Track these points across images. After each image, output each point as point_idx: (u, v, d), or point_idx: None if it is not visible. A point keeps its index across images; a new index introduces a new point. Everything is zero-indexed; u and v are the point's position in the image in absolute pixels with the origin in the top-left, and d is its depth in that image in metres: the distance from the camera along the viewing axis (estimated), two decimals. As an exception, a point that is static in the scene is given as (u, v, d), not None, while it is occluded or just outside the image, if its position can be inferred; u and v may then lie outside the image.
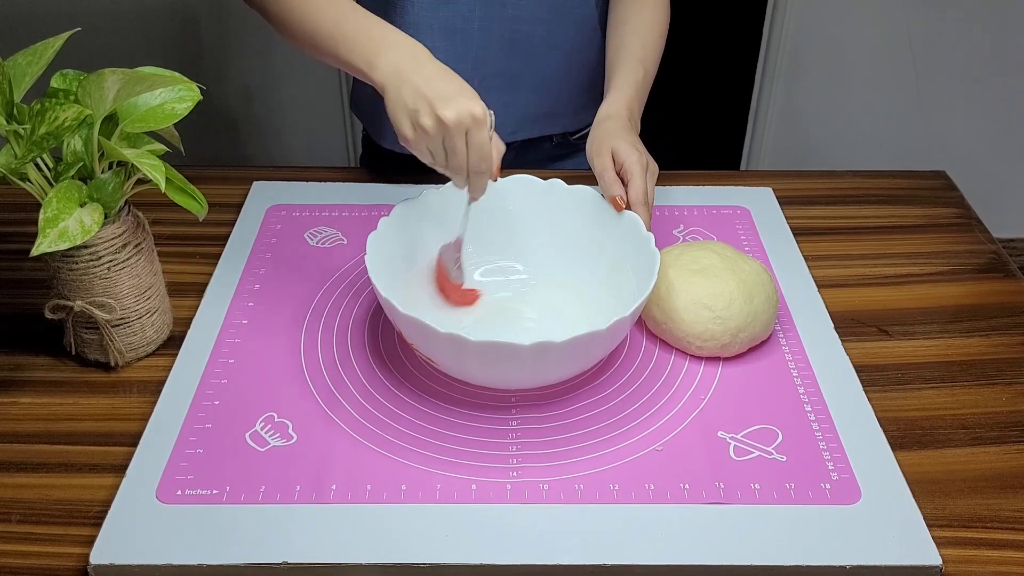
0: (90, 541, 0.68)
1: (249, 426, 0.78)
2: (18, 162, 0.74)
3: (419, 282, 0.89)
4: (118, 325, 0.83)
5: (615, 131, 0.92)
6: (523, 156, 1.17)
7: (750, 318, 0.84)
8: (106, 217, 0.78)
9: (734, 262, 0.87)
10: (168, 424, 0.78)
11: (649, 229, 0.85)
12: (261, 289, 0.94)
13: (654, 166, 0.92)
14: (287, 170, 1.14)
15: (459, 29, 1.02)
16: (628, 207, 0.88)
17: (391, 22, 0.99)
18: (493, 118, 0.78)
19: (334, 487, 0.73)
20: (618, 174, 0.90)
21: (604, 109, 0.96)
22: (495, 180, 0.82)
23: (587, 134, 1.19)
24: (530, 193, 0.91)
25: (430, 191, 0.89)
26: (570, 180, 0.92)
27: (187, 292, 0.94)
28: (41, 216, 0.73)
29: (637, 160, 0.89)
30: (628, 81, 0.96)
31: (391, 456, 0.75)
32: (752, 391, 0.82)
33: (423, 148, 0.80)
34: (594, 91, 1.13)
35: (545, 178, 0.92)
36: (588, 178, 1.00)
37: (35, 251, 0.72)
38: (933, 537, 0.69)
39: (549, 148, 1.19)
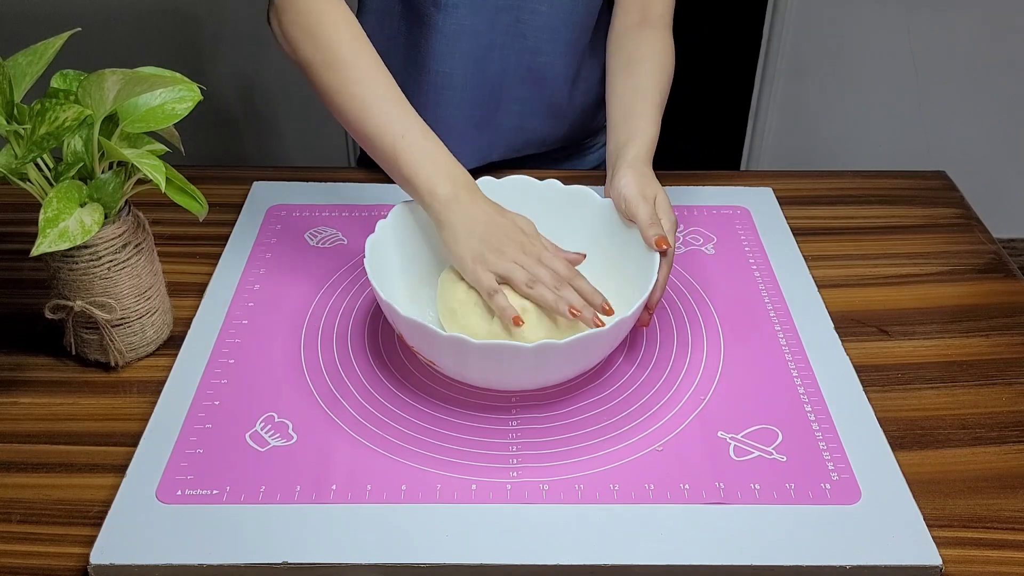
0: (90, 541, 0.68)
1: (249, 426, 0.78)
2: (18, 162, 0.74)
3: (419, 284, 0.89)
4: (118, 325, 0.83)
5: (651, 179, 0.89)
6: (526, 161, 1.18)
7: None
8: (106, 217, 0.78)
9: None
10: (168, 424, 0.78)
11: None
12: (261, 289, 0.94)
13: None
14: (287, 170, 1.14)
15: (481, 58, 1.05)
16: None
17: (419, 49, 1.03)
18: None
19: (334, 487, 0.73)
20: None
21: (633, 153, 0.90)
22: None
23: (587, 142, 1.20)
24: (527, 194, 0.91)
25: None
26: (568, 180, 0.92)
27: (187, 292, 0.94)
28: (41, 216, 0.73)
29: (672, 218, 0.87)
30: (651, 135, 0.93)
31: (391, 456, 0.75)
32: (752, 391, 0.82)
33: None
34: (597, 112, 1.17)
35: (542, 178, 0.92)
36: (586, 178, 1.00)
37: (35, 251, 0.72)
38: (933, 537, 0.69)
39: (551, 153, 1.20)
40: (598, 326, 0.77)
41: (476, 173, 0.93)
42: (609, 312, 0.80)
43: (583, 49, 1.09)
